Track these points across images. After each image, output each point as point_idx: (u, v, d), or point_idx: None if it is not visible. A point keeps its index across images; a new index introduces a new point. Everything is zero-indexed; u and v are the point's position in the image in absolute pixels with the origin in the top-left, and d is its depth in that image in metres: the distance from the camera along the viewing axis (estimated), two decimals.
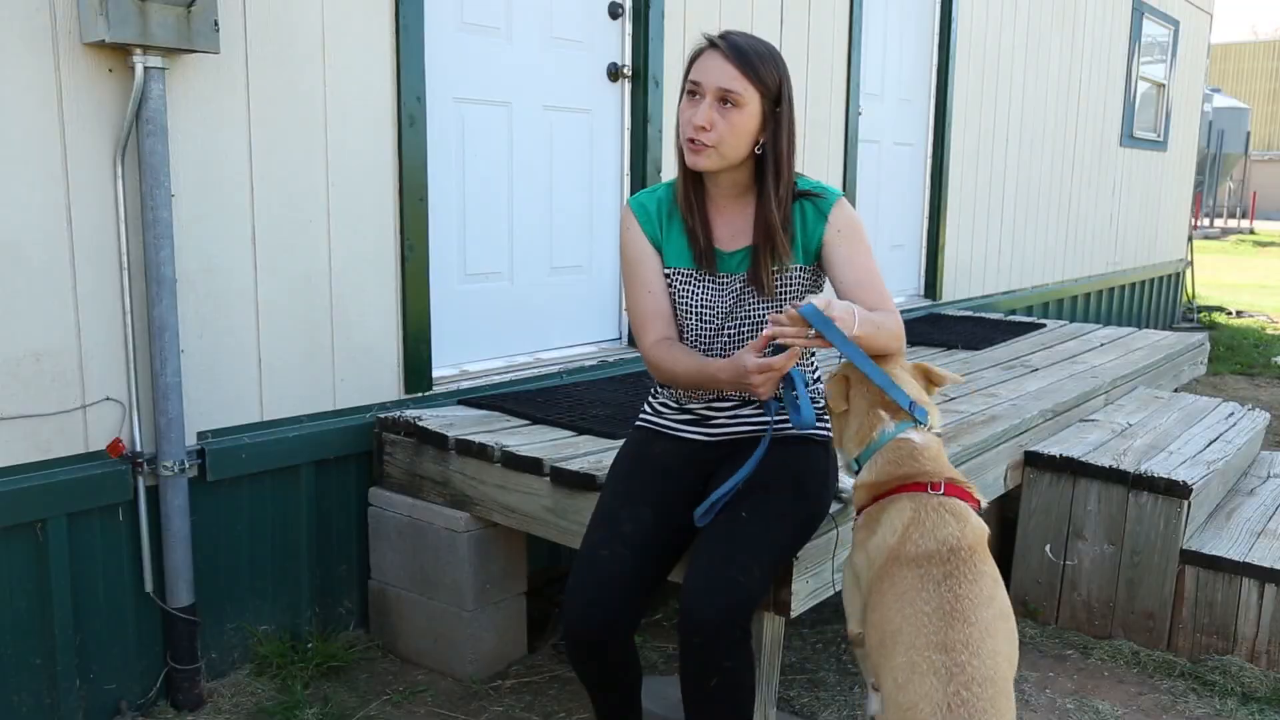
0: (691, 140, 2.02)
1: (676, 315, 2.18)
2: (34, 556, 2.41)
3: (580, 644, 2.04)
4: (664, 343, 2.15)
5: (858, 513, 1.91)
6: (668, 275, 2.17)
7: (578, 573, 2.05)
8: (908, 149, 5.62)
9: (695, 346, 2.18)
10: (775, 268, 2.09)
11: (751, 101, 2.00)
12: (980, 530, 1.76)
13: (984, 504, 1.86)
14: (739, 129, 2.01)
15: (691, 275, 2.15)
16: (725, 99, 1.99)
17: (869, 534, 1.83)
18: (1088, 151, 7.55)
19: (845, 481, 2.16)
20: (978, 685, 1.54)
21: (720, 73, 1.99)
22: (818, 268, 2.15)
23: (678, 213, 2.15)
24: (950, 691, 1.54)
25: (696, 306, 2.15)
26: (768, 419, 2.16)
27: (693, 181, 2.12)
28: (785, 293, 2.13)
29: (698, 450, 2.21)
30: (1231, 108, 22.83)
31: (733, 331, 2.15)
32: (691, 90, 2.02)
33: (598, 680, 2.12)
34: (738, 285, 2.13)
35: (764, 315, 2.11)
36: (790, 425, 2.08)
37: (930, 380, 2.00)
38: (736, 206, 2.13)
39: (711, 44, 2.02)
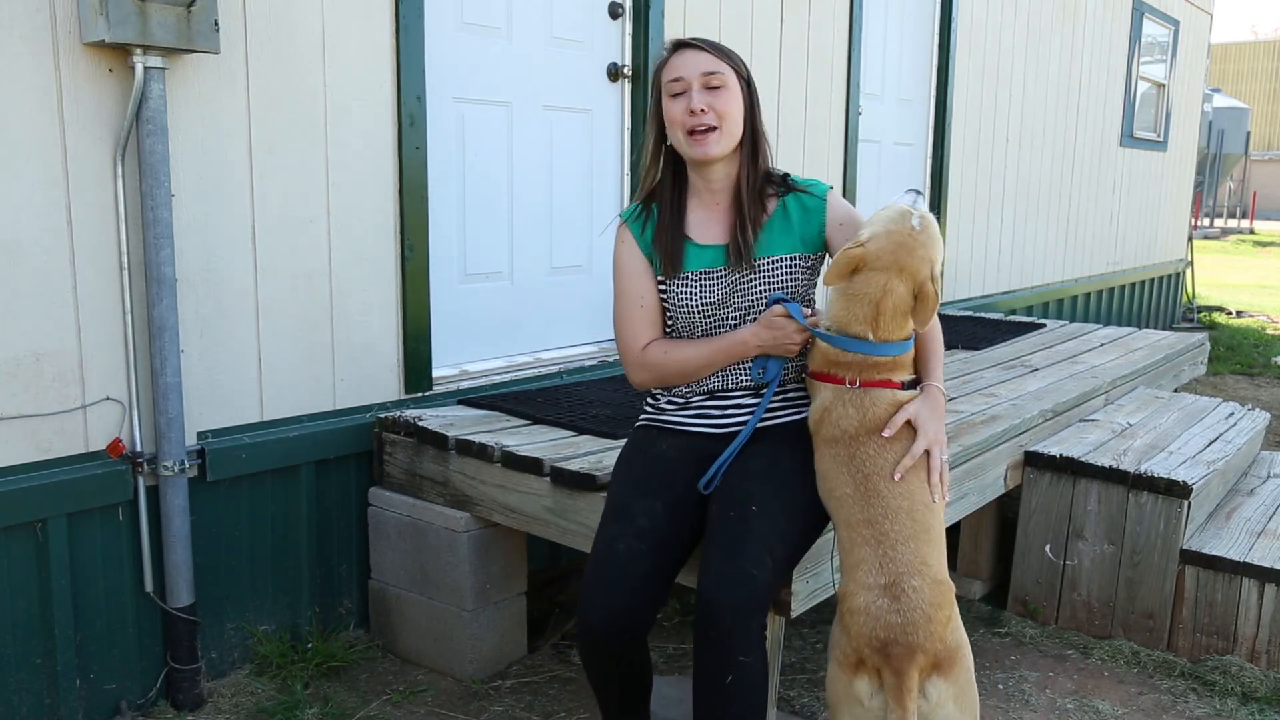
0: (692, 131, 2.09)
1: (680, 316, 2.21)
2: (34, 556, 2.41)
3: (596, 640, 2.03)
4: (657, 344, 2.22)
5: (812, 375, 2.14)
6: (662, 282, 2.22)
7: (594, 567, 2.05)
8: (908, 149, 5.62)
9: (697, 334, 2.22)
10: (762, 255, 2.17)
11: (732, 81, 2.12)
12: (880, 415, 2.00)
13: (904, 383, 2.06)
14: (731, 106, 2.11)
15: (688, 277, 2.20)
16: (709, 84, 2.08)
17: (811, 397, 2.14)
18: (1088, 151, 7.55)
19: None
20: (901, 544, 1.92)
21: (698, 61, 2.09)
22: (819, 258, 2.23)
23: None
24: (880, 553, 1.92)
25: (698, 303, 2.19)
26: (760, 404, 2.20)
27: (676, 185, 2.20)
28: (789, 278, 2.19)
29: (704, 444, 2.21)
30: (1231, 108, 22.82)
31: (736, 317, 2.19)
32: (675, 91, 2.09)
33: (608, 680, 2.11)
34: (734, 275, 2.18)
35: (763, 294, 2.18)
36: (777, 416, 2.22)
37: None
38: (714, 200, 2.21)
39: (678, 45, 2.12)
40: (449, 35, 3.21)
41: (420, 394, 3.14)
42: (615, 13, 3.71)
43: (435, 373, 3.23)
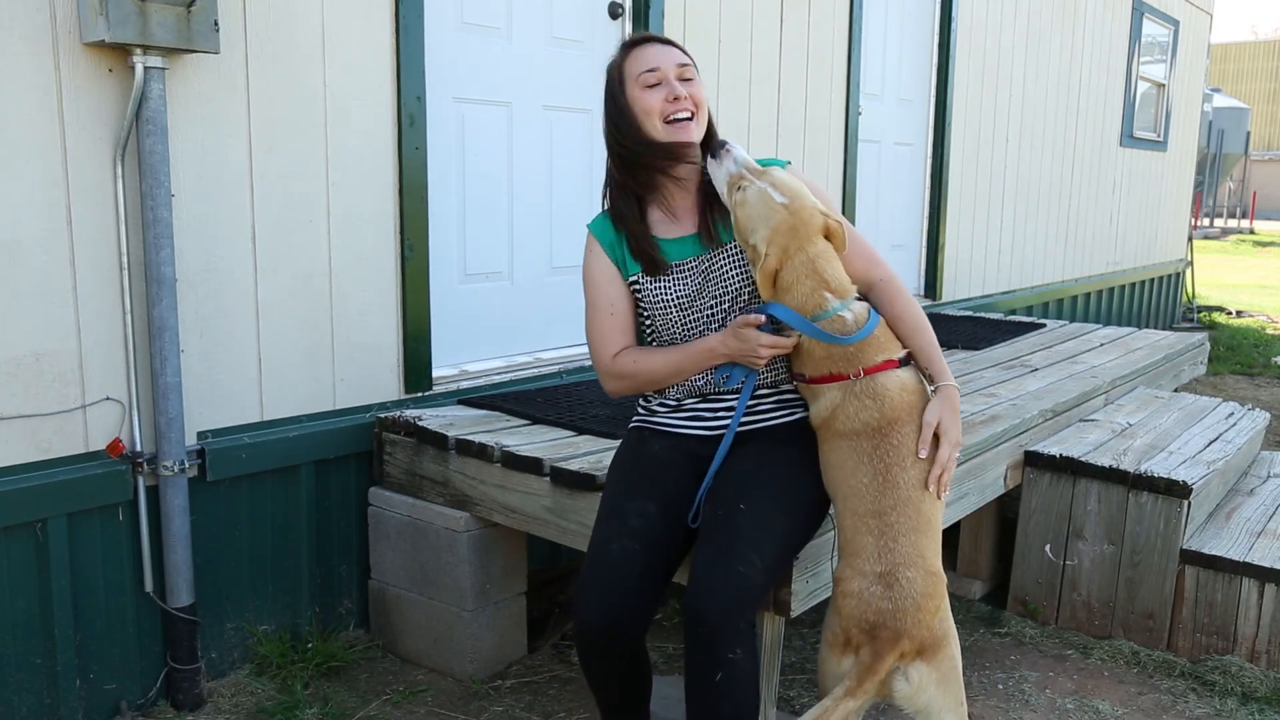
0: (671, 120, 2.11)
1: (657, 314, 2.20)
2: (34, 556, 2.41)
3: (593, 640, 2.03)
4: (627, 351, 2.23)
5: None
6: (635, 283, 2.21)
7: (589, 569, 2.06)
8: (908, 149, 5.62)
9: (676, 334, 2.20)
10: (729, 239, 2.17)
11: (696, 75, 2.18)
12: (897, 402, 2.02)
13: (899, 358, 2.07)
14: (702, 96, 2.16)
15: (659, 273, 2.19)
16: (683, 76, 2.14)
17: (810, 400, 2.13)
18: (1088, 151, 7.55)
19: None
20: (903, 535, 1.96)
21: (670, 54, 2.14)
22: None
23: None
24: (882, 544, 1.96)
25: (674, 297, 2.18)
26: (735, 414, 2.18)
27: (634, 191, 2.19)
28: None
29: (695, 446, 2.21)
30: (1231, 108, 22.83)
31: (712, 306, 2.18)
32: (650, 83, 2.11)
33: (607, 680, 2.11)
34: (705, 264, 2.18)
35: (734, 280, 2.16)
36: (772, 418, 2.20)
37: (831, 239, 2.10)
38: (682, 193, 2.20)
39: (643, 40, 2.17)
40: (449, 35, 3.21)
41: (420, 394, 3.14)
42: (615, 13, 3.71)
43: (435, 373, 3.23)
